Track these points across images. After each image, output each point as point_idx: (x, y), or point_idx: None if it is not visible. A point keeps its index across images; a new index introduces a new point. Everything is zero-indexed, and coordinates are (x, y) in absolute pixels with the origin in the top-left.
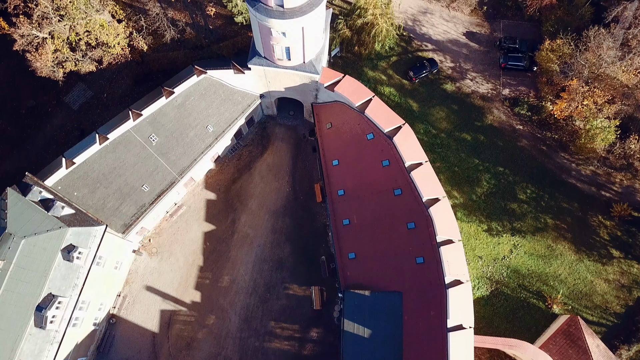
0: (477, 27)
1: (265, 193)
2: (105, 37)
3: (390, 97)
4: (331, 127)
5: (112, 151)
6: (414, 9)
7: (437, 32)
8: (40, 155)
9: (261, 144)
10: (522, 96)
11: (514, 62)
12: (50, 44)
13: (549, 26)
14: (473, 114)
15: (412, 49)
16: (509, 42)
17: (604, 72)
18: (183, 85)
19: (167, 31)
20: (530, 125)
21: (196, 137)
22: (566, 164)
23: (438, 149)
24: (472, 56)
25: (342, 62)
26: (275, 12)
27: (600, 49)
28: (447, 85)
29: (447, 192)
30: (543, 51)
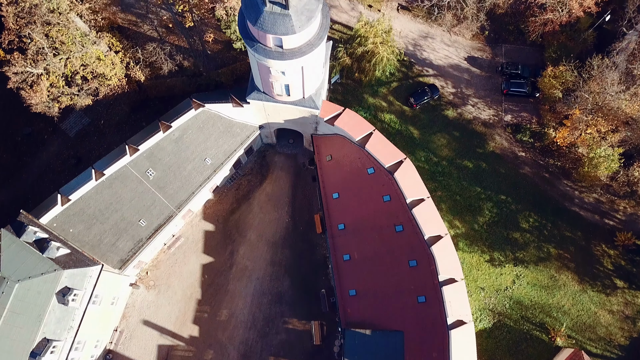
0: (478, 51)
1: (264, 224)
2: (102, 70)
3: (391, 125)
4: (331, 159)
5: (109, 187)
6: (415, 33)
7: (438, 57)
8: (36, 184)
9: (260, 173)
10: (525, 122)
11: (516, 89)
12: (45, 79)
13: (552, 52)
14: (475, 141)
15: (413, 74)
16: (511, 68)
17: (608, 104)
18: (181, 119)
19: (164, 63)
20: (533, 152)
21: (194, 170)
22: (569, 191)
23: (439, 177)
24: (473, 81)
25: (342, 89)
26: (274, 53)
27: (604, 81)
28: (448, 111)
29: (449, 222)
30: (545, 78)
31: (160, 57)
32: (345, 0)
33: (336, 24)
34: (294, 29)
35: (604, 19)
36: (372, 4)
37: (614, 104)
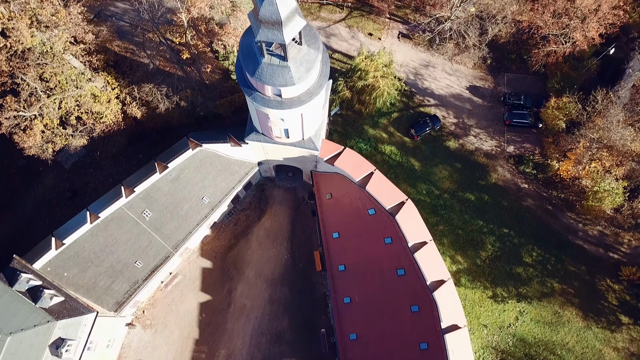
0: (480, 80)
1: (262, 260)
2: (97, 108)
3: (392, 156)
4: (331, 197)
5: (104, 229)
6: (416, 62)
7: (439, 86)
8: (32, 218)
9: (259, 208)
10: (527, 154)
11: (519, 120)
12: (40, 122)
13: (555, 83)
14: (477, 173)
15: (414, 104)
16: (513, 99)
17: (614, 142)
18: (177, 159)
19: (161, 102)
20: (536, 184)
21: (191, 210)
22: (573, 224)
23: (441, 210)
24: (475, 111)
25: (342, 120)
26: (272, 102)
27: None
28: (450, 142)
29: (451, 257)
30: (549, 109)
31: (156, 97)
32: (345, 29)
33: (336, 53)
34: (292, 80)
35: (607, 52)
36: (372, 32)
37: (619, 142)
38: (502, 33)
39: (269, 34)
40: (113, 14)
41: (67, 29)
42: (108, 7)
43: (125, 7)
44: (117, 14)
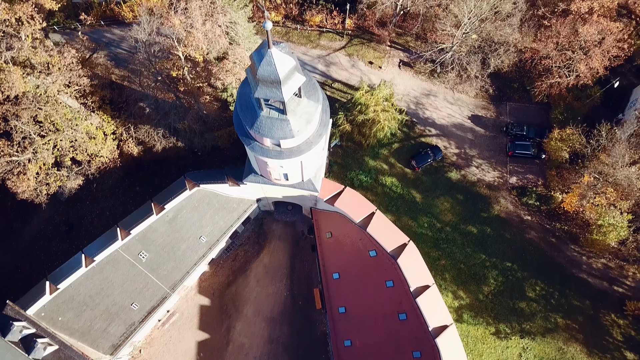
0: (482, 110)
1: (261, 298)
2: (92, 149)
3: (393, 189)
4: (331, 237)
5: (99, 272)
6: (417, 91)
7: (441, 116)
8: (27, 253)
9: (257, 243)
10: (530, 185)
11: (522, 151)
12: (33, 166)
13: (558, 114)
14: (479, 204)
15: (415, 135)
16: (516, 129)
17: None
18: (174, 200)
19: (158, 142)
20: (539, 216)
21: (188, 250)
22: (576, 257)
23: (443, 244)
24: (477, 141)
25: (342, 152)
26: (271, 152)
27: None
28: (451, 173)
29: (453, 292)
30: (552, 140)
31: (153, 138)
32: (345, 57)
33: (335, 82)
34: (292, 133)
35: (612, 84)
36: (372, 60)
37: (625, 181)
38: (505, 65)
39: (267, 92)
40: (110, 41)
41: (61, 74)
42: (104, 34)
43: (122, 34)
44: (114, 41)
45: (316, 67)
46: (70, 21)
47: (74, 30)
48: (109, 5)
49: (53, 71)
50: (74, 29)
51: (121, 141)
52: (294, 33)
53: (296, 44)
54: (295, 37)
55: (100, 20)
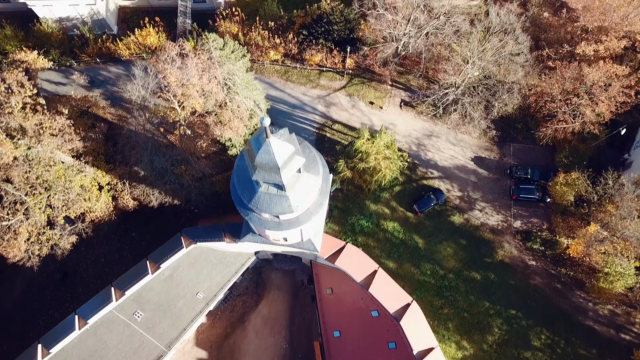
0: (486, 151)
1: (260, 350)
2: (86, 205)
3: (394, 234)
4: (332, 293)
5: (93, 334)
6: (419, 131)
7: (443, 158)
8: (20, 302)
9: (256, 293)
10: (535, 229)
11: (526, 195)
12: (24, 230)
13: (563, 157)
14: (483, 249)
15: (417, 177)
16: (520, 172)
17: (627, 236)
18: (170, 259)
19: (153, 197)
20: (544, 261)
21: (185, 306)
22: (582, 303)
23: (446, 292)
24: (481, 184)
25: (343, 196)
26: (270, 223)
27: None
28: (454, 217)
29: (456, 342)
30: (557, 185)
31: (149, 196)
32: (346, 97)
33: (336, 124)
34: (291, 208)
35: (619, 131)
36: (373, 100)
37: (634, 238)
38: (508, 109)
39: (266, 176)
40: (106, 79)
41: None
42: (100, 72)
43: (118, 72)
44: (110, 79)
45: (316, 108)
46: (66, 58)
47: (70, 67)
48: (104, 43)
49: (44, 138)
50: (69, 66)
51: (116, 192)
52: (293, 72)
53: (295, 84)
54: (295, 77)
55: (96, 58)
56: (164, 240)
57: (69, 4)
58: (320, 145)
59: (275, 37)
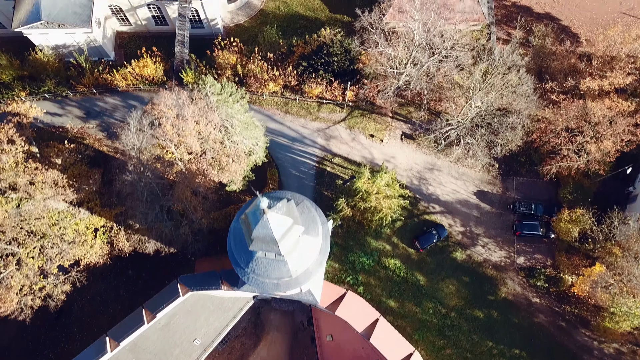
0: (488, 185)
1: None
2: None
3: (396, 271)
4: (332, 340)
5: None
6: (420, 165)
7: (445, 192)
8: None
9: (254, 334)
10: (539, 265)
11: (530, 231)
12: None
13: (567, 193)
14: (486, 287)
15: (419, 212)
16: (523, 207)
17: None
18: (167, 308)
19: (149, 244)
20: (548, 298)
21: (182, 354)
22: (587, 342)
23: (449, 332)
24: (483, 219)
25: (343, 232)
26: (268, 285)
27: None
28: (457, 253)
29: None
30: (561, 222)
31: (144, 244)
32: (346, 130)
33: (336, 157)
34: (289, 273)
35: (624, 170)
36: (373, 133)
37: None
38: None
39: (263, 246)
40: (103, 110)
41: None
42: (96, 103)
43: (115, 103)
44: (106, 110)
45: (316, 141)
46: (62, 88)
47: (65, 97)
48: (101, 74)
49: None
50: (65, 97)
51: (111, 235)
52: (292, 104)
53: (295, 116)
54: (294, 109)
55: (92, 88)
56: (161, 278)
57: (65, 33)
58: (320, 179)
59: (275, 69)
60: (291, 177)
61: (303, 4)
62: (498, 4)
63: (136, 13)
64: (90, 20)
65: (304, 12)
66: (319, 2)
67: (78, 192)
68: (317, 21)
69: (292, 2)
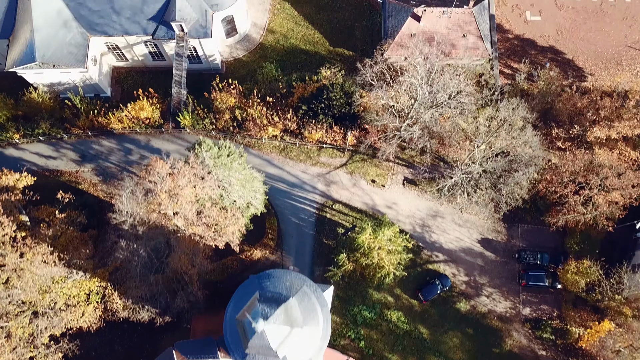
0: (493, 232)
1: None
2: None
3: (399, 324)
4: None
5: None
6: (423, 212)
7: (448, 240)
8: None
9: None
10: (545, 317)
11: (536, 282)
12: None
13: (574, 243)
14: (490, 339)
15: (422, 261)
16: (529, 257)
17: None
18: None
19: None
20: (555, 351)
21: None
22: None
23: None
24: (488, 268)
25: (344, 284)
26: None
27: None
28: (460, 304)
29: None
30: (568, 273)
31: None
32: (347, 175)
33: (336, 204)
34: None
35: (634, 225)
36: (375, 178)
37: None
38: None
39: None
40: (98, 154)
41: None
42: (92, 146)
43: (111, 146)
44: (102, 154)
45: (316, 187)
46: (56, 130)
47: (60, 139)
48: (96, 117)
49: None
50: (60, 139)
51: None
52: (292, 148)
53: (295, 160)
54: (294, 153)
55: (87, 131)
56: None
57: (60, 72)
58: (321, 227)
59: (274, 113)
60: (291, 225)
61: (303, 38)
62: (501, 37)
63: (133, 50)
64: (86, 60)
65: (304, 45)
66: (319, 35)
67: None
68: (317, 55)
69: (292, 36)
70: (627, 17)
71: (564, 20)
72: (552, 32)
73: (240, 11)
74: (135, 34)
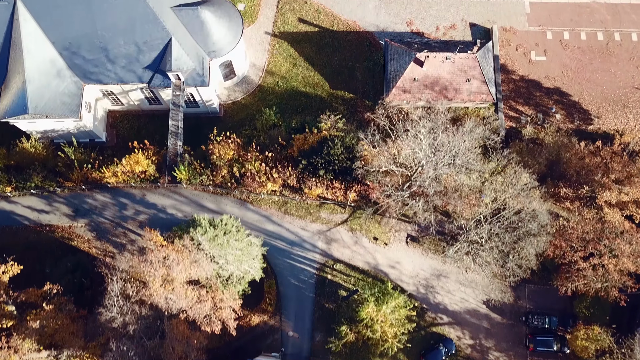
0: (499, 293)
1: None
2: None
3: None
4: None
5: None
6: (427, 271)
7: (453, 301)
8: None
9: None
10: None
11: (544, 348)
12: None
13: (583, 308)
14: None
15: (426, 323)
16: (537, 321)
17: None
18: None
19: None
20: None
21: None
22: None
23: None
24: (494, 330)
25: (345, 351)
26: None
27: None
28: None
29: None
30: (578, 339)
31: None
32: (348, 232)
33: (337, 263)
34: None
35: None
36: (377, 236)
37: None
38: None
39: None
40: (92, 208)
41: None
42: (85, 200)
43: (105, 200)
44: (96, 208)
45: (316, 245)
46: (49, 183)
47: (53, 192)
48: (90, 171)
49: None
50: (53, 192)
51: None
52: (292, 204)
53: (294, 217)
54: (294, 209)
55: (81, 184)
56: None
57: (54, 121)
58: (321, 289)
59: (273, 169)
60: (290, 287)
61: (302, 79)
62: (505, 78)
63: (128, 95)
64: (80, 110)
65: (304, 88)
66: (319, 77)
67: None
68: (317, 98)
69: (292, 77)
70: (634, 57)
71: (569, 60)
72: (558, 72)
73: (238, 55)
74: (131, 82)
